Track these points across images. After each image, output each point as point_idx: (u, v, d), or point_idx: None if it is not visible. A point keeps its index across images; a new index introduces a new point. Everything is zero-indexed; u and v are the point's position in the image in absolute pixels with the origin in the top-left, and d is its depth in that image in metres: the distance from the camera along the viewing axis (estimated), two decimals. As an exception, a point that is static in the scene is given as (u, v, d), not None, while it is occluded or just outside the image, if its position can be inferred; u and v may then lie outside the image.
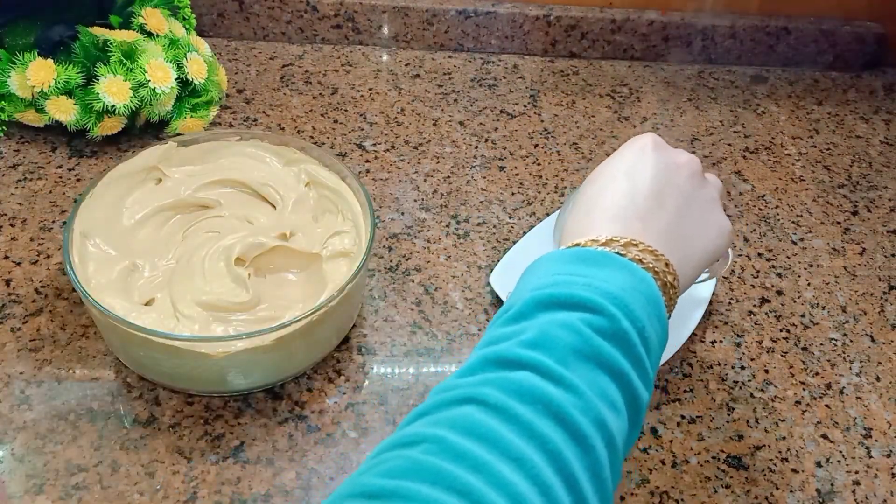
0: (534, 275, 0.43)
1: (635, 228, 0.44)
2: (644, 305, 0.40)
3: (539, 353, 0.37)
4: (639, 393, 0.39)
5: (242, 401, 0.58)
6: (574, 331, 0.38)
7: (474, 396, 0.36)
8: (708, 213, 0.48)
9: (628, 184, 0.46)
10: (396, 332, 0.64)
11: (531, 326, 0.39)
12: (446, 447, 0.33)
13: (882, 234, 0.76)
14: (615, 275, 0.41)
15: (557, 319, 0.39)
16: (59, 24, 0.73)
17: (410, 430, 0.35)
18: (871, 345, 0.66)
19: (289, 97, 0.84)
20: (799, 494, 0.56)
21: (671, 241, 0.45)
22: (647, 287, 0.41)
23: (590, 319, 0.39)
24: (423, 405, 0.37)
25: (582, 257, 0.42)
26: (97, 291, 0.56)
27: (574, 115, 0.86)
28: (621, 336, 0.39)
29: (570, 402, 0.36)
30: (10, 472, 0.53)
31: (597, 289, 0.40)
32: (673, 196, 0.46)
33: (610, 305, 0.39)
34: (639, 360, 0.39)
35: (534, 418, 0.35)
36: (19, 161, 0.75)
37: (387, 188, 0.75)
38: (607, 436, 0.36)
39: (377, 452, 0.35)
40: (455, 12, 0.90)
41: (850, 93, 0.93)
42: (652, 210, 0.45)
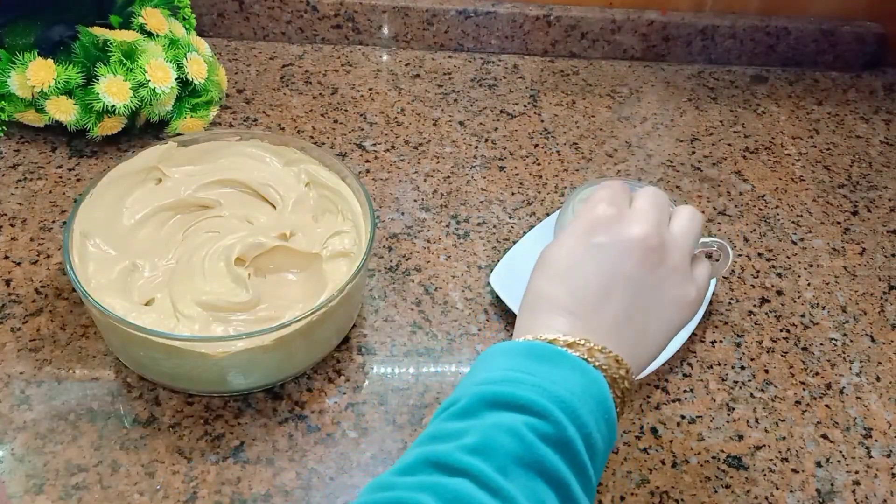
0: (483, 367, 0.42)
1: (581, 324, 0.43)
2: (593, 409, 0.40)
3: (479, 459, 0.36)
4: (578, 502, 0.38)
5: (242, 401, 0.58)
6: (517, 437, 0.37)
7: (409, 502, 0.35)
8: (664, 291, 0.45)
9: (573, 279, 0.44)
10: (396, 332, 0.64)
11: (475, 427, 0.38)
12: None
13: (882, 234, 0.76)
14: (566, 375, 0.40)
15: (502, 423, 0.38)
16: (59, 24, 0.73)
17: None
18: (871, 345, 0.66)
19: (289, 97, 0.84)
20: (799, 494, 0.56)
21: (621, 334, 0.43)
22: (598, 389, 0.40)
23: (535, 424, 0.38)
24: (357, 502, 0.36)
25: (534, 353, 0.41)
26: (97, 291, 0.56)
27: (574, 115, 0.86)
28: (566, 444, 0.38)
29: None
30: (10, 472, 0.53)
31: (545, 391, 0.39)
32: (621, 286, 0.44)
33: (557, 411, 0.38)
34: (582, 468, 0.39)
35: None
36: (19, 161, 0.75)
37: (387, 188, 0.75)
38: None
39: None
40: (455, 12, 0.90)
41: (850, 93, 0.93)
42: (598, 303, 0.44)
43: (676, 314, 0.46)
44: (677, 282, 0.46)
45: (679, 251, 0.47)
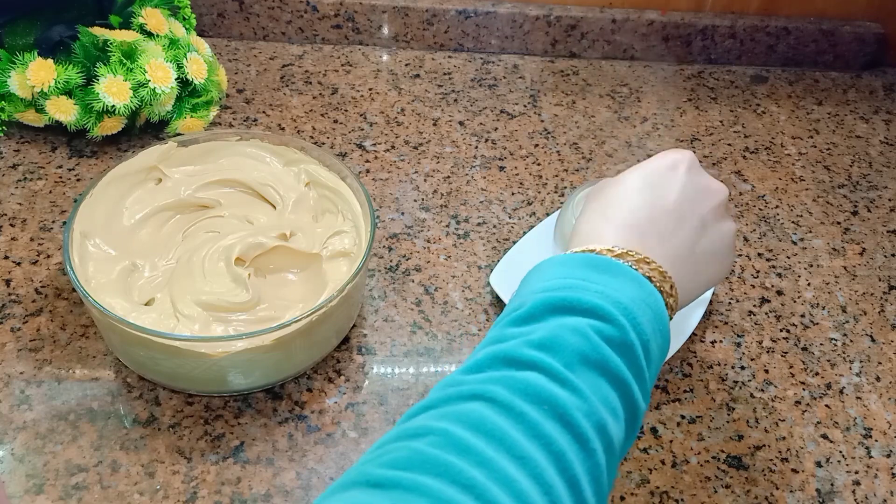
0: (540, 277, 0.43)
1: (650, 246, 0.44)
2: (651, 319, 0.41)
3: (547, 354, 0.37)
4: (638, 403, 0.40)
5: (242, 401, 0.58)
6: (583, 336, 0.38)
7: (482, 393, 0.36)
8: (723, 248, 0.48)
9: (652, 197, 0.46)
10: (396, 332, 0.64)
11: (541, 328, 0.39)
12: (452, 441, 0.34)
13: (882, 234, 0.76)
14: (626, 286, 0.41)
15: (568, 324, 0.39)
16: (59, 24, 0.73)
17: (416, 423, 0.36)
18: (871, 345, 0.66)
19: (289, 97, 0.84)
20: (799, 494, 0.56)
21: (679, 267, 0.45)
22: (655, 302, 0.42)
23: (599, 327, 0.39)
24: (428, 399, 0.37)
25: (594, 264, 0.42)
26: (97, 291, 0.56)
27: (574, 115, 0.86)
28: (628, 347, 0.39)
29: (575, 406, 0.36)
30: (10, 472, 0.53)
31: (608, 297, 0.40)
32: (693, 221, 0.46)
33: (620, 316, 0.39)
34: (640, 372, 0.40)
35: (539, 419, 0.35)
36: (19, 161, 0.75)
37: (387, 188, 0.75)
38: (607, 441, 0.37)
39: (381, 444, 0.35)
40: (455, 12, 0.90)
41: (850, 93, 0.93)
42: (670, 230, 0.45)
43: (719, 275, 0.49)
44: (729, 248, 0.49)
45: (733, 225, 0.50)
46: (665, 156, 0.48)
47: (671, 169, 0.47)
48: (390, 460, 0.33)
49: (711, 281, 0.49)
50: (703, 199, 0.47)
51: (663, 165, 0.47)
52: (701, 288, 0.48)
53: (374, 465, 0.33)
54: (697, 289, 0.47)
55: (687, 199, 0.46)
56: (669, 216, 0.45)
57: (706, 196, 0.47)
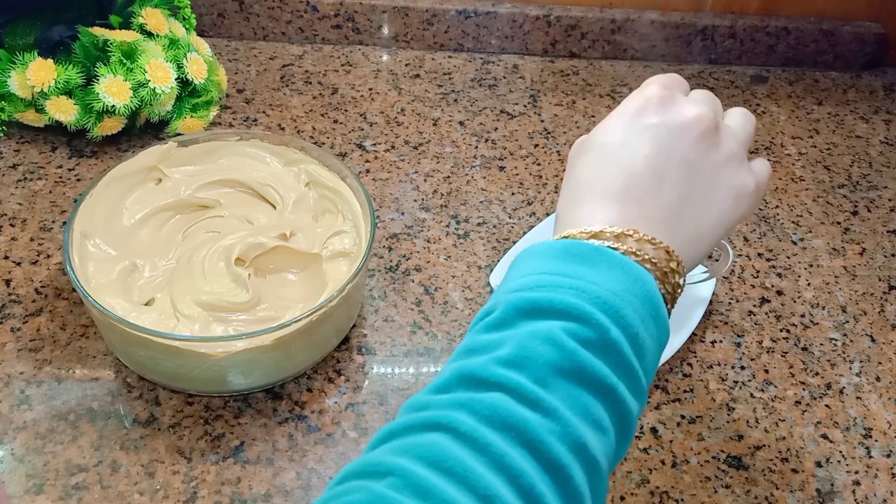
0: (518, 271, 0.40)
1: (631, 213, 0.40)
2: (638, 309, 0.37)
3: (515, 372, 0.35)
4: (628, 406, 0.36)
5: (242, 401, 0.58)
6: (555, 345, 0.35)
7: (445, 422, 0.33)
8: (720, 178, 0.42)
9: (623, 159, 0.41)
10: (396, 332, 0.64)
11: (510, 338, 0.36)
12: (411, 482, 0.31)
13: (882, 234, 0.76)
14: (606, 275, 0.37)
15: (539, 331, 0.36)
16: (59, 24, 0.73)
17: (377, 457, 0.33)
18: (871, 345, 0.66)
19: (289, 97, 0.84)
20: (799, 494, 0.56)
21: (674, 223, 0.41)
22: (641, 287, 0.38)
23: (574, 329, 0.36)
24: (393, 424, 0.35)
25: (570, 253, 0.38)
26: (97, 291, 0.56)
27: (574, 115, 0.86)
28: (609, 347, 0.36)
29: (545, 429, 0.33)
30: (10, 472, 0.53)
31: (584, 293, 0.36)
32: (675, 170, 0.41)
33: (598, 313, 0.36)
34: (629, 371, 0.37)
35: (506, 449, 0.33)
36: (19, 161, 0.75)
37: (387, 188, 0.75)
38: (588, 460, 0.34)
39: (341, 478, 0.33)
40: (455, 12, 0.90)
41: (850, 93, 0.93)
42: (650, 189, 0.41)
43: (733, 205, 0.43)
44: (734, 169, 0.43)
45: (735, 140, 0.44)
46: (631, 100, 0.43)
47: (638, 116, 0.42)
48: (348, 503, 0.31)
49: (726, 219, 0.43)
50: (682, 139, 0.41)
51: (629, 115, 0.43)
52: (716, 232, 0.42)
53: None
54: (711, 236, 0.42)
55: (663, 146, 0.41)
56: (646, 173, 0.41)
57: (684, 133, 0.41)
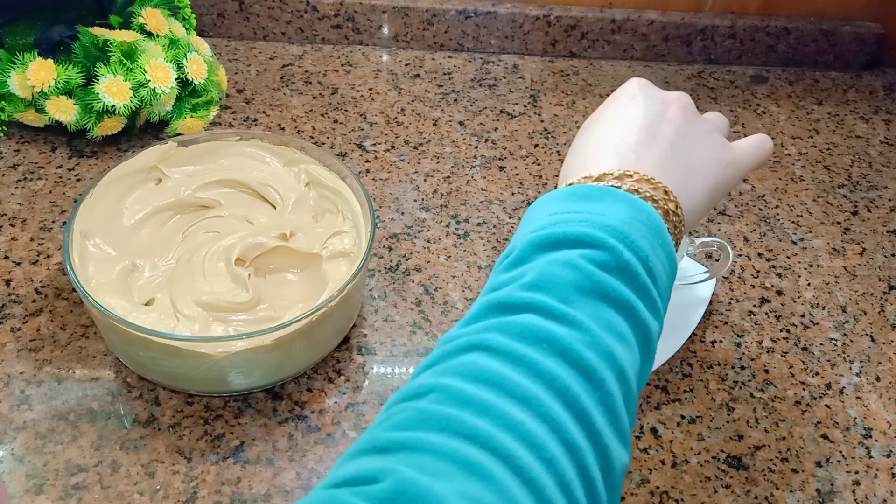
0: (531, 218, 0.42)
1: (629, 161, 0.44)
2: (646, 235, 0.40)
3: (540, 293, 0.37)
4: (648, 324, 0.38)
5: (242, 401, 0.58)
6: (574, 267, 0.37)
7: (478, 343, 0.36)
8: (706, 143, 0.47)
9: (618, 125, 0.46)
10: (396, 332, 0.64)
11: (531, 269, 0.38)
12: (452, 394, 0.34)
13: (882, 234, 0.76)
14: (612, 208, 0.40)
15: (557, 258, 0.38)
16: (59, 24, 0.73)
17: (417, 382, 0.36)
18: (871, 345, 0.66)
19: (289, 97, 0.84)
20: (799, 494, 0.56)
21: (667, 170, 0.44)
22: (647, 216, 0.40)
23: (590, 255, 0.38)
24: (429, 357, 0.37)
25: (578, 194, 0.41)
26: (97, 291, 0.56)
27: (574, 115, 0.86)
28: (624, 268, 0.38)
29: (575, 339, 0.35)
30: (10, 472, 0.53)
31: (594, 223, 0.39)
32: (665, 128, 0.46)
33: (610, 238, 0.38)
34: (645, 291, 0.39)
35: (539, 358, 0.35)
36: (19, 161, 0.75)
37: (387, 188, 0.75)
38: (617, 368, 0.36)
39: (387, 407, 0.36)
40: (455, 12, 0.90)
41: (850, 93, 0.93)
42: (644, 143, 0.45)
43: (717, 171, 0.47)
44: (715, 142, 0.48)
45: (712, 124, 0.50)
46: (619, 92, 0.49)
47: (625, 94, 0.48)
48: (395, 423, 0.34)
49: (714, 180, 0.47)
50: (667, 107, 0.47)
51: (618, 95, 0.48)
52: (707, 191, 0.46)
53: (380, 430, 0.34)
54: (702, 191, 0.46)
55: (652, 113, 0.46)
56: (641, 132, 0.45)
57: (668, 104, 0.47)
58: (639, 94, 0.48)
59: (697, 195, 0.45)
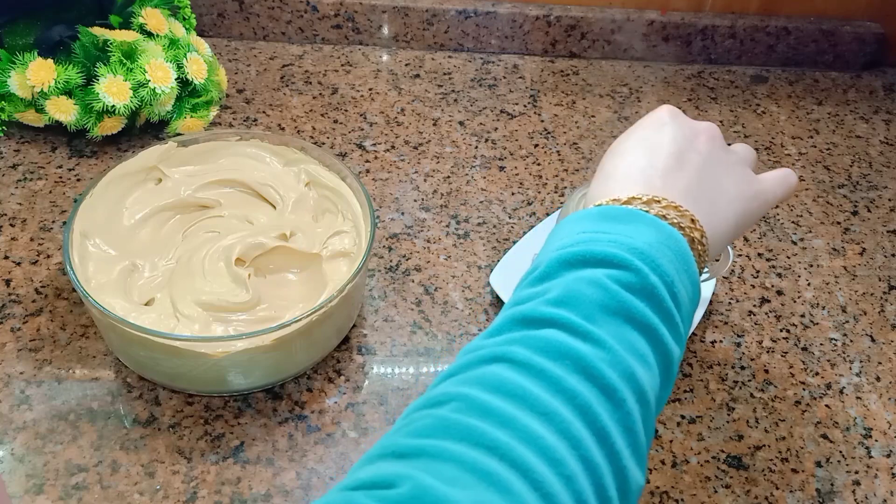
0: (558, 236, 0.42)
1: (656, 186, 0.43)
2: (672, 260, 0.40)
3: (565, 310, 0.37)
4: (670, 348, 0.38)
5: (242, 401, 0.58)
6: (600, 287, 0.38)
7: (501, 355, 0.36)
8: (732, 174, 0.47)
9: (647, 150, 0.46)
10: (396, 332, 0.64)
11: (557, 285, 0.38)
12: (473, 404, 0.34)
13: (882, 234, 0.76)
14: (640, 230, 0.40)
15: (583, 277, 0.38)
16: (59, 24, 0.73)
17: (438, 391, 0.36)
18: (871, 345, 0.66)
19: (289, 97, 0.84)
20: (799, 494, 0.56)
21: (694, 198, 0.44)
22: (674, 242, 0.41)
23: (616, 275, 0.38)
24: (451, 367, 0.37)
25: (606, 215, 0.42)
26: (97, 291, 0.56)
27: (574, 115, 0.86)
28: (649, 291, 0.38)
29: (597, 357, 0.35)
30: (10, 472, 0.53)
31: (622, 244, 0.39)
32: (693, 157, 0.46)
33: (636, 260, 0.38)
34: (669, 315, 0.39)
35: (562, 374, 0.35)
36: (19, 161, 0.75)
37: (387, 188, 0.75)
38: (638, 390, 0.36)
39: (407, 413, 0.36)
40: (455, 12, 0.90)
41: (850, 93, 0.93)
42: (672, 169, 0.45)
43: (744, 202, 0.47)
44: (742, 173, 0.48)
45: (739, 156, 0.49)
46: (649, 117, 0.49)
47: (654, 123, 0.48)
48: (415, 429, 0.34)
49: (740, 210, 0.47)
50: (696, 137, 0.47)
51: (648, 122, 0.48)
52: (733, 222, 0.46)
53: (400, 436, 0.34)
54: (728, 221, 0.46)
55: (680, 141, 0.46)
56: (669, 159, 0.45)
57: (697, 134, 0.47)
58: (668, 120, 0.48)
59: (723, 225, 0.45)
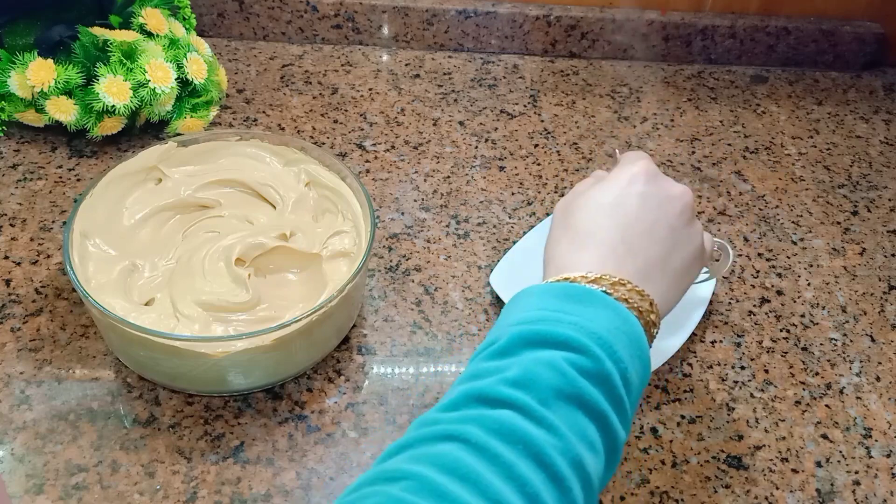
0: (518, 308, 0.43)
1: (625, 266, 0.44)
2: (628, 346, 0.41)
3: (522, 392, 0.37)
4: (617, 434, 0.39)
5: (242, 401, 0.58)
6: (558, 371, 0.38)
7: (456, 434, 0.36)
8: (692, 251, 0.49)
9: (620, 217, 0.46)
10: (396, 332, 0.64)
11: (515, 364, 0.39)
12: (426, 486, 0.33)
13: (882, 234, 0.76)
14: (601, 314, 0.41)
15: (542, 358, 0.39)
16: (59, 24, 0.73)
17: (391, 465, 0.35)
18: (871, 345, 0.66)
19: (289, 97, 0.84)
20: (799, 494, 0.56)
21: (659, 279, 0.45)
22: (631, 328, 0.42)
23: (574, 359, 0.39)
24: (404, 439, 0.37)
25: (569, 294, 0.42)
26: (97, 291, 0.56)
27: (574, 115, 0.86)
28: (604, 378, 0.39)
29: (549, 444, 0.36)
30: (10, 472, 0.53)
31: (583, 328, 0.40)
32: (664, 233, 0.47)
33: (595, 346, 0.39)
34: (619, 402, 0.40)
35: (514, 459, 0.35)
36: (19, 161, 0.75)
37: (387, 188, 0.75)
38: (584, 477, 0.37)
39: (356, 486, 0.35)
40: (455, 12, 0.90)
41: (850, 93, 0.93)
42: (642, 247, 0.46)
43: (693, 275, 0.50)
44: (700, 249, 0.50)
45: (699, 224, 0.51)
46: (621, 171, 0.49)
47: (630, 184, 0.48)
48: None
49: (690, 281, 0.49)
50: (668, 208, 0.48)
51: (622, 183, 0.48)
52: (680, 295, 0.49)
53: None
54: (677, 297, 0.48)
55: (651, 211, 0.47)
56: (639, 232, 0.46)
57: (669, 204, 0.48)
58: (642, 183, 0.48)
59: (672, 303, 0.48)
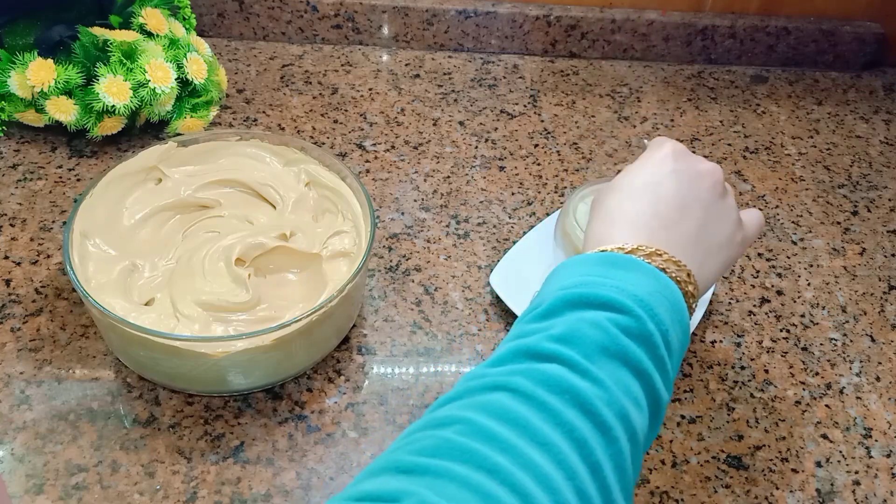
0: (560, 276, 0.44)
1: (660, 238, 0.45)
2: (668, 310, 0.42)
3: (567, 347, 0.38)
4: (660, 394, 0.40)
5: (242, 401, 0.58)
6: (601, 329, 0.39)
7: (504, 384, 0.37)
8: (726, 224, 0.49)
9: (651, 195, 0.47)
10: (396, 332, 0.64)
11: (560, 323, 0.40)
12: (477, 429, 0.35)
13: (882, 234, 0.76)
14: (642, 279, 0.42)
15: (586, 318, 0.40)
16: (59, 24, 0.73)
17: (442, 413, 0.37)
18: (871, 345, 0.66)
19: (289, 97, 0.84)
20: (799, 494, 0.56)
21: (693, 252, 0.46)
22: (671, 293, 0.42)
23: (617, 319, 0.40)
24: (453, 391, 0.39)
25: (609, 261, 0.43)
26: (97, 291, 0.56)
27: (574, 115, 0.86)
28: (646, 337, 0.40)
29: (595, 395, 0.37)
30: (10, 472, 0.53)
31: (624, 291, 0.41)
32: (696, 207, 0.47)
33: (637, 308, 0.40)
34: (661, 362, 0.41)
35: (561, 407, 0.36)
36: (19, 161, 0.75)
37: (387, 188, 0.75)
38: (630, 429, 0.38)
39: (408, 433, 0.37)
40: (455, 12, 0.90)
41: (850, 93, 0.93)
42: (675, 221, 0.46)
43: (731, 250, 0.49)
44: (735, 219, 0.50)
45: (733, 199, 0.51)
46: (655, 156, 0.49)
47: (661, 164, 0.48)
48: (419, 448, 0.35)
49: (729, 259, 0.49)
50: (699, 183, 0.48)
51: (654, 162, 0.49)
52: (719, 269, 0.49)
53: (403, 453, 0.35)
54: (715, 271, 0.48)
55: (683, 187, 0.47)
56: (671, 207, 0.47)
57: (701, 179, 0.48)
58: (671, 161, 0.48)
59: (711, 276, 0.48)
